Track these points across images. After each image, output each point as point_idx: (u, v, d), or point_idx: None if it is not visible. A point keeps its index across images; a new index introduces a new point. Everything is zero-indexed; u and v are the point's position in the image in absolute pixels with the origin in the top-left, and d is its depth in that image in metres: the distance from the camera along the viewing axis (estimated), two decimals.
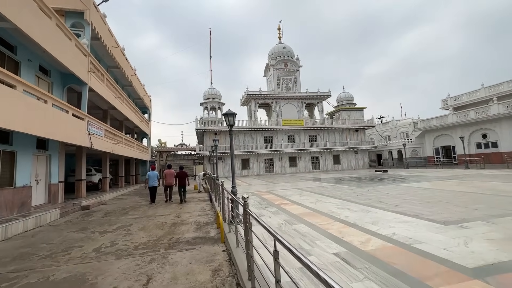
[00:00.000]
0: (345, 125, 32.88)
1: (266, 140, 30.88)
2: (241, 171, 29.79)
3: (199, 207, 9.50)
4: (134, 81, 20.20)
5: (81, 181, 12.10)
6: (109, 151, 13.76)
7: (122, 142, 16.34)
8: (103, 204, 11.63)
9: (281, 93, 31.89)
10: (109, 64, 16.42)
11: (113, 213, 8.97)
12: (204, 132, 29.43)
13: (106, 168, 15.65)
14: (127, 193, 16.29)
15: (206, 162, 29.07)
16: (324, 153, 32.29)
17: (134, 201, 12.25)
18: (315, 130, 32.30)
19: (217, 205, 8.45)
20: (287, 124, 30.84)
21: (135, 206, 10.28)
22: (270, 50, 34.85)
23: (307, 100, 33.07)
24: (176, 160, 43.35)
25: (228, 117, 6.18)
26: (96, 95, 12.82)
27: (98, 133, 12.12)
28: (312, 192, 11.09)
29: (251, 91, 31.10)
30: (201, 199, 11.63)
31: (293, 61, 33.40)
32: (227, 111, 6.25)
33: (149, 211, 9.07)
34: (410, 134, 33.33)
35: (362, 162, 33.55)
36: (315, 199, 8.99)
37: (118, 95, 15.18)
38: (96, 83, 11.79)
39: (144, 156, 23.65)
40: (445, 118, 28.19)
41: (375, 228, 4.95)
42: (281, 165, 30.85)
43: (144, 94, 24.29)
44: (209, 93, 30.98)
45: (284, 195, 10.61)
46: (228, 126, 6.26)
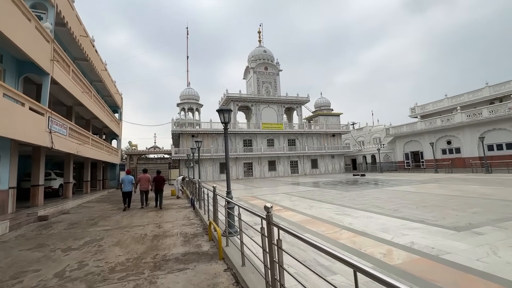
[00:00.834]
0: (322, 130, 33.48)
1: (246, 144, 30.24)
2: (219, 175, 28.74)
3: (182, 215, 8.54)
4: (104, 76, 18.43)
5: (38, 187, 10.40)
6: (74, 153, 12.13)
7: (89, 143, 14.63)
8: (65, 213, 10.07)
9: (261, 96, 31.58)
10: (77, 56, 14.70)
11: (79, 224, 7.66)
12: (181, 134, 27.97)
13: (69, 171, 13.82)
14: (94, 200, 14.55)
15: (182, 166, 27.56)
16: (302, 157, 32.47)
17: (103, 208, 10.81)
18: (294, 134, 32.40)
19: (203, 213, 7.60)
20: (267, 128, 30.54)
21: (105, 215, 8.98)
22: (250, 53, 34.52)
23: (287, 104, 33.15)
24: (148, 163, 40.84)
25: (223, 114, 5.47)
26: (60, 89, 11.27)
27: (61, 132, 10.57)
28: (301, 197, 10.65)
29: (231, 93, 30.36)
30: (182, 206, 10.61)
31: (273, 65, 33.38)
32: (221, 106, 5.53)
33: (123, 220, 7.91)
34: (383, 139, 34.94)
35: (338, 166, 34.33)
36: (308, 205, 8.53)
37: (85, 90, 13.57)
38: (60, 74, 10.30)
39: (113, 159, 21.65)
40: (414, 125, 29.94)
41: (388, 236, 4.54)
42: (261, 169, 30.36)
43: (115, 92, 22.38)
44: (187, 93, 29.63)
45: (273, 201, 10.03)
46: (223, 124, 5.54)
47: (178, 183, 13.50)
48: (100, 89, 19.77)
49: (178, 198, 13.09)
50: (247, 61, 34.74)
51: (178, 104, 30.02)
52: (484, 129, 23.68)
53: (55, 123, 9.87)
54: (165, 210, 9.62)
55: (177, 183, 13.50)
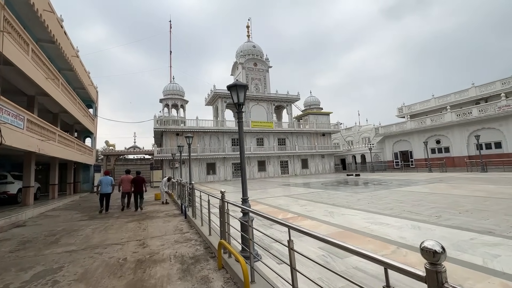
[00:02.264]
0: (313, 129, 32.65)
1: (234, 143, 28.63)
2: (206, 176, 26.89)
3: (171, 226, 6.88)
4: (75, 64, 16.09)
5: None
6: (35, 151, 9.98)
7: (56, 140, 12.40)
8: (19, 226, 8.01)
9: (251, 93, 30.12)
10: (41, 37, 12.41)
11: (33, 242, 5.78)
12: (164, 133, 25.80)
13: (29, 174, 11.52)
14: (62, 207, 12.34)
15: (166, 166, 25.41)
16: (293, 157, 31.40)
17: (71, 218, 8.83)
18: (284, 133, 31.26)
19: (200, 224, 6.03)
20: (257, 126, 29.13)
21: (72, 228, 7.09)
22: (238, 48, 32.94)
23: (277, 102, 31.96)
24: (128, 164, 38.01)
25: (237, 92, 3.95)
26: (17, 72, 9.14)
27: (16, 124, 8.47)
28: (309, 201, 9.33)
29: (218, 89, 28.62)
30: (170, 214, 8.89)
31: (262, 61, 32.05)
32: (234, 82, 4.01)
33: (95, 235, 6.12)
34: (372, 139, 34.78)
35: (328, 166, 33.67)
36: (325, 210, 7.21)
37: (51, 77, 11.39)
38: (14, 52, 8.23)
39: (87, 159, 19.21)
40: (404, 125, 29.90)
41: (478, 260, 3.28)
42: (250, 170, 28.87)
43: (89, 83, 19.92)
44: (170, 88, 27.45)
45: (278, 205, 8.62)
46: (237, 107, 4.03)
47: (164, 185, 11.64)
48: (72, 80, 17.34)
49: (164, 204, 11.25)
50: (235, 57, 33.16)
51: (161, 100, 27.79)
52: (473, 128, 23.85)
53: (5, 112, 7.80)
54: (149, 220, 7.88)
55: (163, 186, 11.65)
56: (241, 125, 4.10)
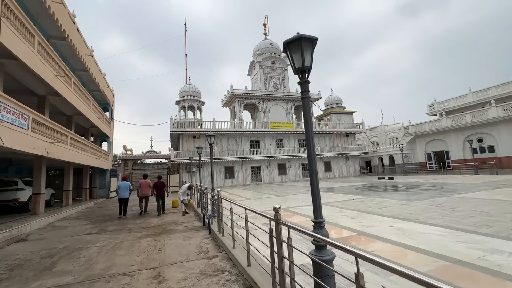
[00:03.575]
0: (336, 129, 30.61)
1: (253, 145, 27.21)
2: (224, 180, 25.58)
3: (194, 245, 5.47)
4: (90, 64, 15.39)
5: None
6: (42, 154, 9.02)
7: (67, 142, 11.52)
8: (20, 240, 6.93)
9: (269, 92, 28.68)
10: (52, 33, 11.69)
11: (24, 267, 4.57)
12: (181, 135, 24.86)
13: (39, 179, 10.66)
14: (73, 215, 11.37)
15: (182, 170, 24.40)
16: None
17: (78, 231, 7.69)
18: (305, 134, 29.41)
19: (231, 245, 4.57)
20: (276, 127, 27.57)
21: (75, 246, 5.88)
22: (255, 46, 31.69)
23: (297, 101, 30.30)
24: (145, 169, 37.62)
25: (301, 48, 2.47)
26: (22, 67, 8.25)
27: (18, 124, 7.49)
28: (356, 210, 7.64)
29: (236, 89, 27.41)
30: (190, 226, 7.52)
31: (281, 59, 30.57)
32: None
33: (99, 258, 4.84)
34: (400, 139, 32.18)
35: (353, 169, 31.39)
36: (388, 225, 5.54)
37: (61, 74, 10.52)
38: (15, 41, 7.27)
39: (103, 163, 18.49)
40: (439, 123, 27.21)
41: None
42: (270, 173, 27.29)
43: (104, 85, 19.32)
44: (187, 89, 26.58)
45: None
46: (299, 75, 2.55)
47: (183, 193, 10.08)
48: (87, 81, 16.71)
49: (185, 214, 9.72)
50: (252, 55, 31.93)
51: (177, 102, 26.98)
52: None
53: (4, 109, 6.80)
54: (167, 234, 6.55)
55: (182, 194, 10.13)
56: (307, 102, 2.61)
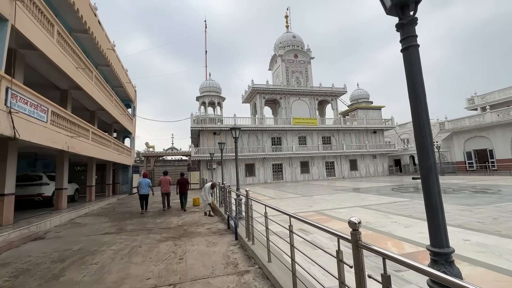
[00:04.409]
0: (362, 125, 28.75)
1: (274, 142, 26.23)
2: (245, 178, 24.88)
3: (219, 253, 4.66)
4: (112, 59, 15.22)
5: (1, 198, 6.99)
6: (62, 148, 8.72)
7: (89, 137, 11.28)
8: (37, 238, 6.55)
9: (292, 87, 27.48)
10: (74, 26, 11.48)
11: (31, 274, 4.01)
12: (201, 132, 24.48)
13: (62, 174, 10.49)
14: (94, 212, 11.14)
15: (203, 167, 24.02)
16: (340, 157, 27.91)
17: (97, 230, 7.22)
18: (329, 130, 27.96)
19: (265, 257, 3.68)
20: (299, 123, 26.35)
21: (90, 248, 5.31)
22: (277, 39, 30.56)
23: (320, 96, 28.81)
24: (166, 166, 38.03)
25: None
26: (41, 58, 7.94)
27: (37, 116, 7.13)
28: (406, 216, 6.46)
29: (256, 84, 26.53)
30: (213, 229, 6.75)
31: (303, 52, 29.21)
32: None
33: (113, 266, 4.17)
34: (435, 136, 29.59)
35: (381, 168, 29.37)
36: (463, 239, 4.37)
37: (82, 66, 10.22)
38: (32, 28, 6.89)
39: (125, 159, 18.46)
40: (481, 117, 24.51)
41: None
42: (292, 172, 26.18)
43: (126, 81, 19.27)
44: (207, 85, 26.16)
45: (366, 224, 5.94)
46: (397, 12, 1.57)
47: (206, 193, 8.96)
48: (109, 77, 16.64)
49: (208, 216, 8.60)
50: (274, 49, 30.84)
51: (198, 98, 26.64)
52: None
53: (21, 99, 6.41)
54: (188, 238, 5.82)
55: (205, 193, 8.97)
56: (415, 54, 1.63)
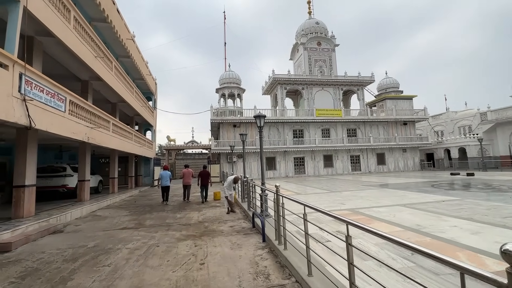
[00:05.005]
0: (391, 116, 26.77)
1: (296, 135, 25.21)
2: (266, 172, 24.16)
3: (246, 259, 4.00)
4: (132, 50, 15.01)
5: (23, 189, 6.85)
6: (82, 140, 8.51)
7: (110, 129, 11.11)
8: (56, 232, 6.33)
9: (315, 77, 26.10)
10: (93, 15, 11.24)
11: (39, 275, 3.61)
12: (221, 124, 24.07)
13: (84, 166, 10.43)
14: (116, 204, 11.04)
15: (223, 160, 23.68)
16: (366, 151, 26.28)
17: (116, 224, 6.90)
18: (355, 122, 26.34)
19: (303, 269, 2.92)
20: (322, 115, 25.03)
21: (105, 246, 4.89)
22: (299, 27, 29.11)
23: (345, 86, 27.14)
24: (187, 159, 38.42)
25: None
26: (59, 46, 7.67)
27: (54, 105, 6.84)
28: (463, 219, 5.40)
29: (278, 74, 25.48)
30: (237, 228, 6.12)
31: (327, 39, 27.56)
32: None
33: (126, 269, 3.66)
34: (475, 128, 26.88)
35: (412, 163, 27.30)
36: None
37: (100, 55, 9.94)
38: (46, 11, 6.53)
39: (146, 152, 18.50)
40: None
41: None
42: (314, 165, 25.08)
43: (147, 73, 19.14)
44: (227, 76, 25.57)
45: (417, 227, 4.98)
46: None
47: (228, 187, 8.02)
48: (129, 69, 16.53)
49: (230, 213, 7.82)
50: (295, 37, 29.45)
51: (217, 90, 26.17)
52: None
53: (36, 87, 6.10)
54: (209, 238, 5.24)
55: (228, 187, 8.02)
56: None
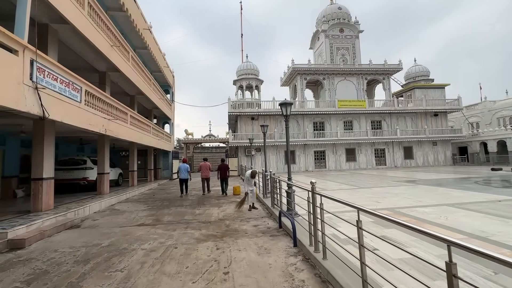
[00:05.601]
0: (421, 107, 24.85)
1: (316, 127, 24.14)
2: (284, 166, 23.45)
3: (276, 268, 3.38)
4: (149, 41, 14.70)
5: (41, 182, 6.68)
6: (100, 132, 8.26)
7: (127, 121, 10.88)
8: (73, 227, 6.08)
9: (337, 65, 24.70)
10: (109, 4, 10.94)
11: (45, 280, 3.22)
12: (239, 117, 23.52)
13: (103, 159, 10.29)
14: (135, 197, 10.88)
15: (241, 154, 23.22)
16: (391, 144, 24.69)
17: (133, 219, 6.57)
18: (380, 114, 24.75)
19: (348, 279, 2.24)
20: (345, 106, 23.71)
21: (120, 245, 4.49)
22: (319, 14, 27.60)
23: (370, 75, 25.49)
24: (204, 152, 38.51)
25: None
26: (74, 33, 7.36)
27: (69, 94, 6.54)
28: None
29: (297, 64, 24.37)
30: (261, 228, 5.52)
31: (351, 25, 25.90)
32: None
33: (140, 276, 3.18)
34: None
35: (443, 157, 25.33)
36: None
37: (117, 44, 9.60)
38: None
39: (164, 145, 18.41)
40: None
41: None
42: (336, 159, 23.96)
43: (164, 65, 18.89)
44: (244, 67, 24.87)
45: (483, 236, 4.10)
46: None
47: (248, 181, 7.40)
48: (147, 61, 16.30)
49: (251, 209, 7.22)
50: (316, 25, 28.00)
51: (235, 82, 25.58)
52: None
53: (49, 75, 5.77)
54: (232, 239, 4.68)
55: (248, 182, 7.41)
56: None
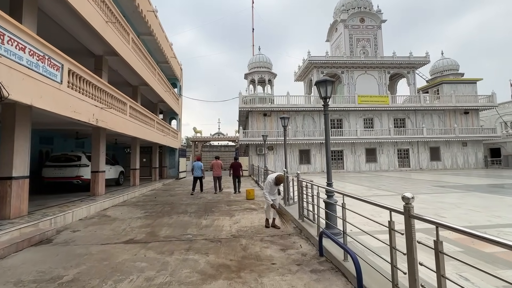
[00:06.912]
0: (450, 104, 22.60)
1: (333, 125, 22.31)
2: (299, 166, 21.75)
3: None
4: (154, 26, 13.31)
5: (7, 182, 5.30)
6: (89, 122, 6.84)
7: (126, 112, 9.49)
8: (41, 241, 4.66)
9: (357, 58, 22.76)
10: None
11: None
12: (250, 113, 21.95)
13: (97, 155, 8.92)
14: (134, 200, 9.47)
15: (252, 152, 21.66)
16: (416, 144, 22.57)
17: (121, 233, 5.09)
18: (403, 111, 22.67)
19: None
20: (365, 102, 21.77)
21: (86, 282, 2.99)
22: (338, 2, 25.59)
23: (393, 68, 23.40)
24: (213, 151, 37.25)
25: None
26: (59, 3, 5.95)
27: (44, 72, 5.11)
28: None
29: (314, 56, 22.57)
30: (295, 257, 3.91)
31: (372, 14, 23.86)
32: None
33: None
34: None
35: (474, 159, 22.99)
36: None
37: (113, 20, 8.19)
38: None
39: (171, 141, 17.05)
40: None
41: None
42: (355, 160, 22.07)
43: (171, 56, 17.52)
44: (256, 60, 23.27)
45: None
46: None
47: (269, 189, 5.30)
48: (152, 50, 14.95)
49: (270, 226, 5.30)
50: (333, 15, 26.09)
51: (246, 76, 24.03)
52: None
53: (12, 42, 4.34)
54: (254, 277, 3.09)
55: (269, 190, 5.31)
56: None
